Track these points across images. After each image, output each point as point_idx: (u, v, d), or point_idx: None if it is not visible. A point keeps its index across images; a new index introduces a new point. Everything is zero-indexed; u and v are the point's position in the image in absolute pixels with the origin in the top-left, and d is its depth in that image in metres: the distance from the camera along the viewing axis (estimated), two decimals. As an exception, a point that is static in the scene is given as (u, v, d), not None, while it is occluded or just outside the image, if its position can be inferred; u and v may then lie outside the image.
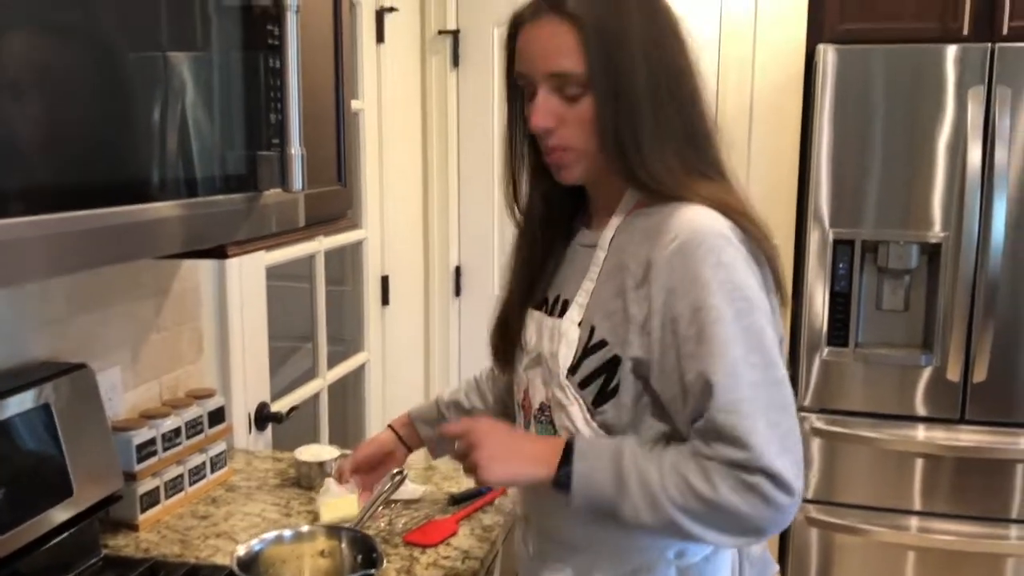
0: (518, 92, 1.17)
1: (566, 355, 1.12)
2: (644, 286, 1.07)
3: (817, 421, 2.65)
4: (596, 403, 1.10)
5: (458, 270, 3.13)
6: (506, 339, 1.28)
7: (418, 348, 3.10)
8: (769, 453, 1.00)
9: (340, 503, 1.49)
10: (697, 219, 1.05)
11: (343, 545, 1.27)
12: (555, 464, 1.08)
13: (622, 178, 1.11)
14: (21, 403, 1.25)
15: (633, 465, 1.05)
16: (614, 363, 1.09)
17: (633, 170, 1.08)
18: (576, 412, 1.12)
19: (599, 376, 1.10)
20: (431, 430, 1.51)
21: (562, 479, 1.07)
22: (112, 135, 0.91)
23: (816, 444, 2.66)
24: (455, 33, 2.95)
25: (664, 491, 1.03)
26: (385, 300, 2.82)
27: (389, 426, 1.55)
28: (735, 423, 1.00)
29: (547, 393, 1.16)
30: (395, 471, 1.53)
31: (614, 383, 1.09)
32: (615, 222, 1.14)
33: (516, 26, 1.13)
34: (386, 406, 2.84)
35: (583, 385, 1.11)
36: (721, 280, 1.02)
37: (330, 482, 1.54)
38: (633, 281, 1.08)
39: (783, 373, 1.04)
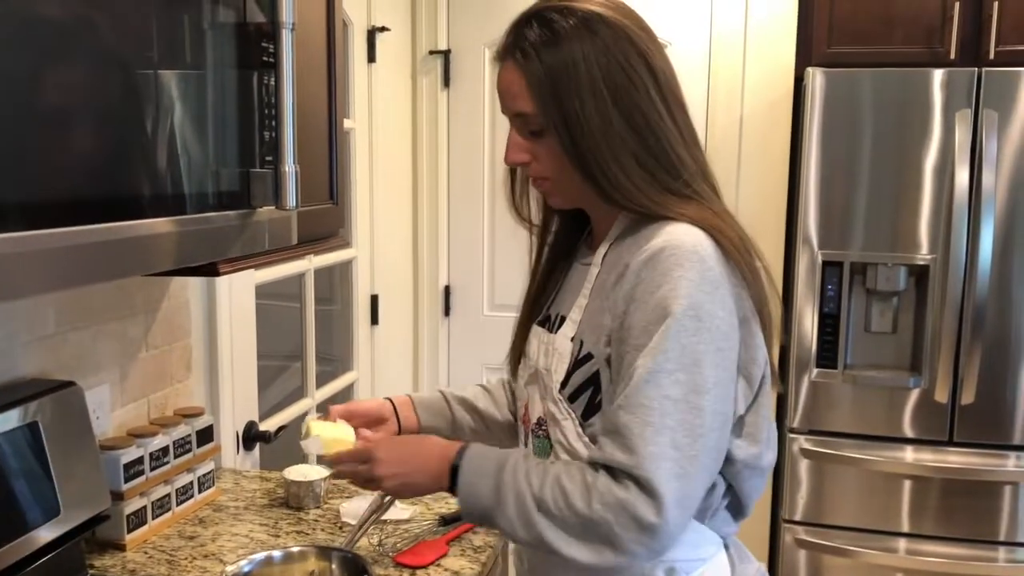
0: None
1: (559, 370, 1.15)
2: (613, 293, 1.09)
3: (805, 442, 2.65)
4: (585, 416, 1.12)
5: (447, 290, 3.12)
6: (515, 355, 1.31)
7: (407, 367, 3.09)
8: (655, 467, 0.99)
9: (336, 427, 1.32)
10: (675, 233, 1.07)
11: (334, 566, 1.26)
12: (447, 477, 1.13)
13: (603, 202, 1.14)
14: (9, 421, 1.24)
15: (512, 478, 1.08)
16: (598, 376, 1.11)
17: (608, 194, 1.11)
18: (569, 427, 1.13)
19: (586, 389, 1.12)
20: (434, 419, 1.44)
21: (453, 490, 1.13)
22: (106, 151, 0.91)
23: (804, 465, 2.66)
24: (446, 53, 2.96)
25: (539, 504, 1.05)
26: (374, 319, 2.81)
27: (388, 399, 1.44)
28: (630, 424, 1.01)
29: (543, 408, 1.18)
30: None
31: (600, 397, 1.11)
32: (610, 238, 1.17)
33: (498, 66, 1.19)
34: (374, 426, 2.82)
35: (572, 399, 1.13)
36: (678, 294, 1.02)
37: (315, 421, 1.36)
38: (608, 291, 1.11)
39: (711, 403, 1.02)
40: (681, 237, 1.06)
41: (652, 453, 0.99)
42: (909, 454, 2.60)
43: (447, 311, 3.13)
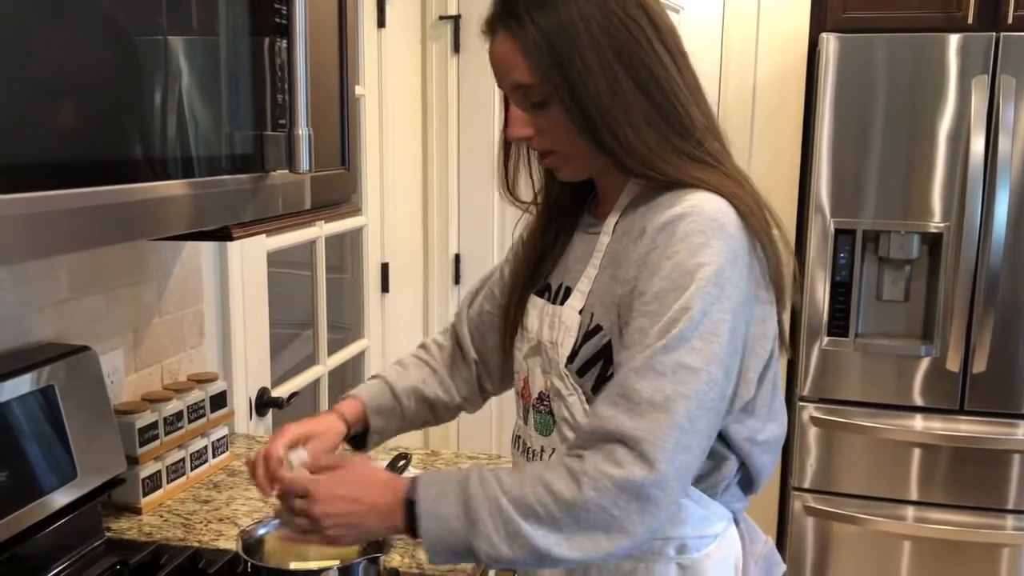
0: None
1: (566, 344, 1.10)
2: (625, 260, 1.05)
3: (815, 411, 2.65)
4: (596, 390, 1.08)
5: (457, 258, 3.12)
6: (506, 325, 1.27)
7: (417, 335, 3.09)
8: (664, 437, 0.94)
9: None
10: (696, 200, 1.02)
11: (348, 529, 1.26)
12: (400, 513, 1.01)
13: (617, 171, 1.09)
14: (25, 384, 1.24)
15: (481, 490, 0.97)
16: (609, 348, 1.07)
17: (623, 162, 1.06)
18: (575, 402, 1.10)
19: (596, 362, 1.08)
20: (384, 422, 1.34)
21: (412, 527, 1.00)
22: (119, 113, 0.90)
23: (813, 433, 2.67)
24: (456, 19, 2.93)
25: (520, 508, 0.96)
26: (385, 287, 2.81)
27: (337, 412, 1.31)
28: (641, 391, 0.96)
29: (546, 382, 1.14)
30: (399, 454, 1.53)
31: (611, 369, 1.06)
32: (620, 207, 1.12)
33: (488, 38, 1.13)
34: (385, 393, 2.83)
35: (581, 372, 1.09)
36: (700, 261, 0.98)
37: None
38: (619, 259, 1.07)
39: (721, 375, 0.98)
40: (703, 204, 1.01)
41: (661, 422, 0.95)
42: (919, 422, 2.61)
43: (457, 279, 3.13)
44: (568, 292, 1.15)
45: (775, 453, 1.13)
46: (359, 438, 1.34)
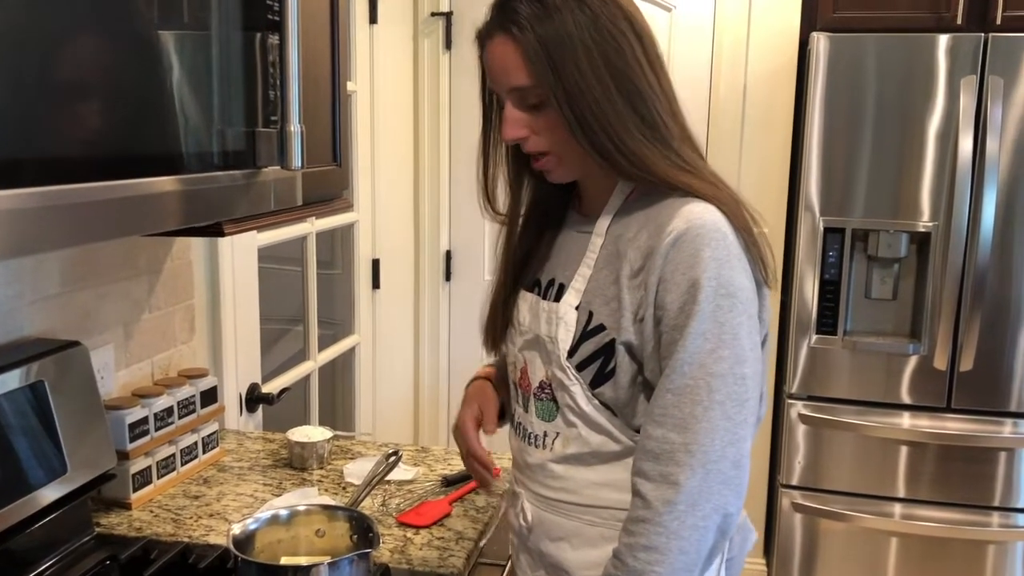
0: (493, 102, 1.22)
1: (564, 338, 1.15)
2: (640, 274, 1.10)
3: (803, 408, 2.66)
4: (593, 385, 1.14)
5: (448, 254, 3.12)
6: (497, 321, 1.30)
7: (408, 332, 3.10)
8: (710, 441, 1.03)
9: None
10: (695, 213, 1.08)
11: (339, 524, 1.27)
12: None
13: (614, 173, 1.14)
14: (15, 380, 1.24)
15: None
16: (611, 347, 1.12)
17: (618, 164, 1.10)
18: (578, 391, 1.15)
19: (596, 359, 1.13)
20: (504, 394, 1.37)
21: None
22: (112, 109, 0.90)
23: (802, 431, 2.68)
24: (448, 15, 2.94)
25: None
26: (376, 284, 2.81)
27: (486, 379, 1.37)
28: (681, 404, 1.04)
29: (547, 372, 1.18)
30: (390, 452, 1.53)
31: (611, 366, 1.12)
32: (611, 209, 1.17)
33: (481, 45, 1.17)
34: (376, 388, 2.83)
35: (581, 367, 1.14)
36: (710, 275, 1.05)
37: None
38: (630, 269, 1.11)
39: (751, 368, 1.07)
40: (702, 216, 1.07)
41: (704, 428, 1.03)
42: (907, 420, 2.62)
43: (448, 276, 3.13)
44: (561, 288, 1.18)
45: (755, 432, 1.19)
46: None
